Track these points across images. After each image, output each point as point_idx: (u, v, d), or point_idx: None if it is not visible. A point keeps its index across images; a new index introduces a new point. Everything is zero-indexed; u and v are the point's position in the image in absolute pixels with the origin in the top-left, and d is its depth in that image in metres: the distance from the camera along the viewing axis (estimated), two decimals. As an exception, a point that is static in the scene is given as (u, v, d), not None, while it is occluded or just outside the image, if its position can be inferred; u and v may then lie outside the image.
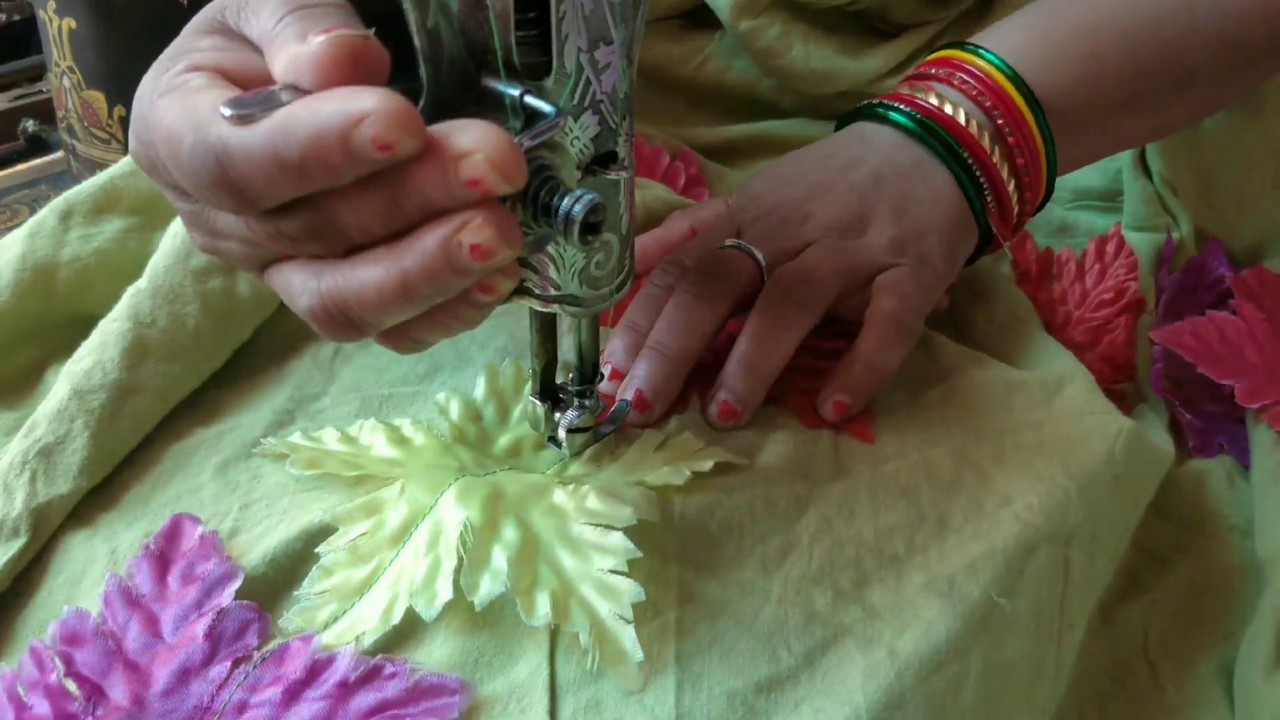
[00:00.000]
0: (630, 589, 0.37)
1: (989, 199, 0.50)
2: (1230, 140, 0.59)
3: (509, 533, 0.38)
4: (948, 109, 0.49)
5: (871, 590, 0.39)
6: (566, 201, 0.33)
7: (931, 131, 0.49)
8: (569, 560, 0.38)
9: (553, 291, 0.38)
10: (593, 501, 0.39)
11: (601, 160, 0.36)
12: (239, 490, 0.43)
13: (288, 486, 0.42)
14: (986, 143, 0.49)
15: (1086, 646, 0.45)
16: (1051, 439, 0.44)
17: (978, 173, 0.49)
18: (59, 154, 0.73)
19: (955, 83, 0.50)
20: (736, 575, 0.39)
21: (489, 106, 0.34)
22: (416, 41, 0.33)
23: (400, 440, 0.43)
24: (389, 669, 0.37)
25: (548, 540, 0.38)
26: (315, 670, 0.37)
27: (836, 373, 0.45)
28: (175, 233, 0.49)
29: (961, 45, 0.51)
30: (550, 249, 0.37)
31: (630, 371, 0.44)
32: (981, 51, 0.50)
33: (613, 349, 0.46)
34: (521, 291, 0.39)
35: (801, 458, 0.43)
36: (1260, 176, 0.60)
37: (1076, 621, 0.42)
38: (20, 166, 0.80)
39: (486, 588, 0.37)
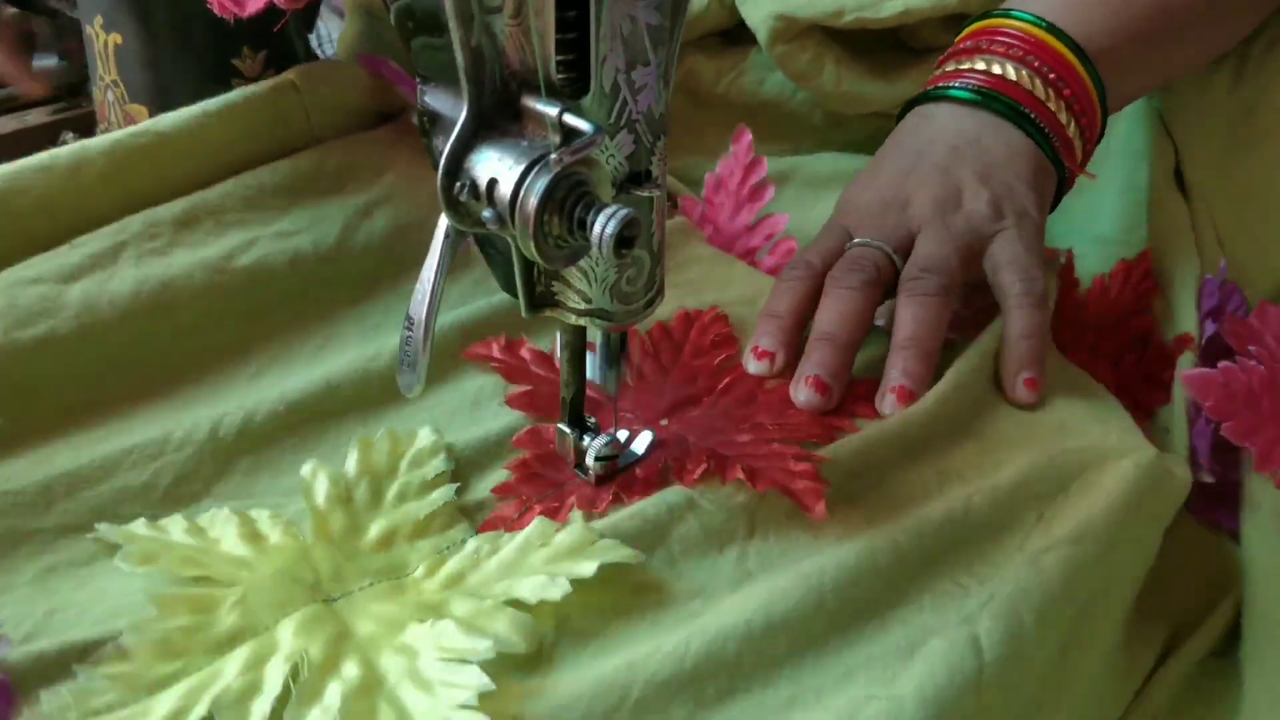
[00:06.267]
0: None
1: (1054, 139, 0.53)
2: (1270, 166, 0.60)
3: (349, 671, 0.35)
4: (995, 69, 0.53)
5: (734, 704, 0.35)
6: (601, 216, 0.33)
7: (990, 97, 0.52)
8: (414, 699, 0.35)
9: (583, 305, 0.39)
10: (449, 638, 0.36)
11: (635, 178, 0.37)
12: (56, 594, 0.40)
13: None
14: (1040, 91, 0.52)
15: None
16: (977, 528, 0.41)
17: (1040, 122, 0.52)
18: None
19: (997, 48, 0.53)
20: (596, 671, 0.36)
21: (528, 123, 0.35)
22: (459, 59, 0.34)
23: (253, 536, 0.40)
24: None
25: (394, 681, 0.35)
26: None
27: (1004, 357, 0.47)
28: None
29: (990, 14, 0.55)
30: (583, 263, 0.38)
31: (802, 362, 0.46)
32: (1014, 13, 0.54)
33: (758, 335, 0.48)
34: (554, 305, 0.40)
35: (711, 550, 0.40)
36: None
37: (1000, 705, 0.37)
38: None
39: None
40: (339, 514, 0.41)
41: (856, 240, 0.50)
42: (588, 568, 0.38)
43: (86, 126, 0.85)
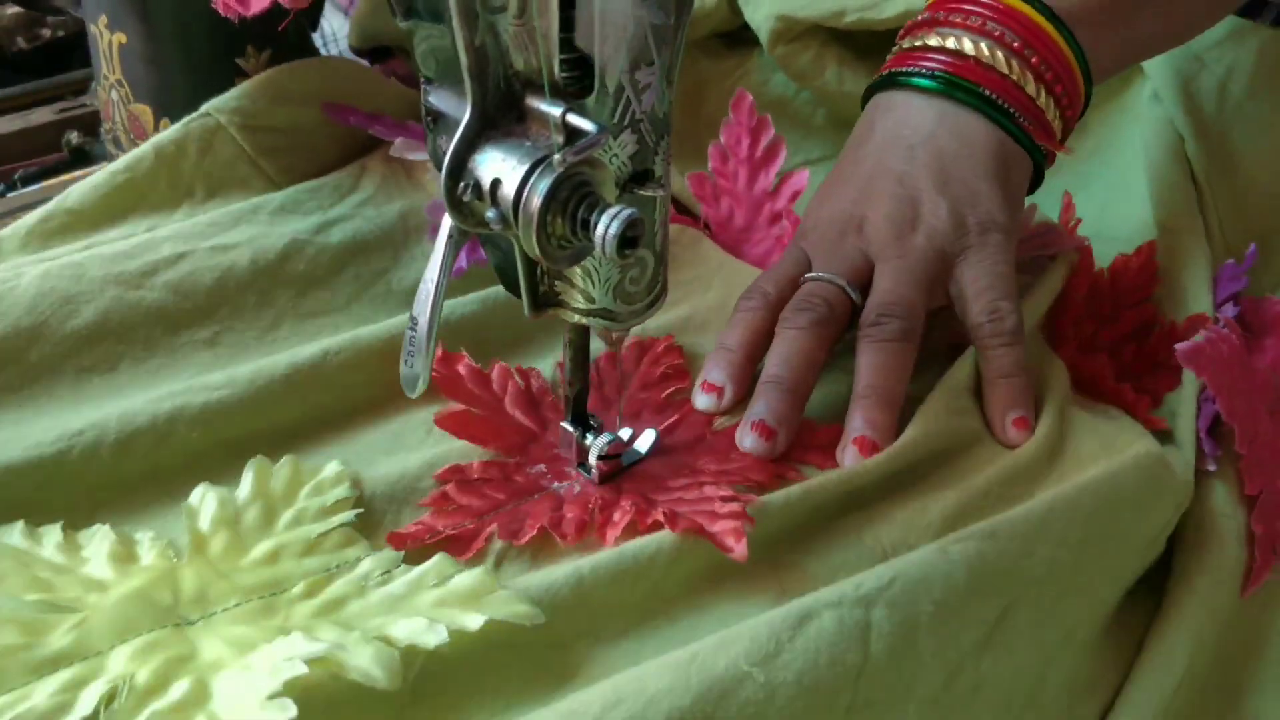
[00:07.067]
0: None
1: (1022, 119, 0.50)
2: (1271, 159, 0.60)
3: (176, 691, 0.32)
4: (951, 44, 0.50)
5: None
6: (605, 217, 0.33)
7: (950, 84, 0.49)
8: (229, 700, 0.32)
9: (587, 305, 0.39)
10: (292, 647, 0.33)
11: (638, 178, 0.37)
12: None
13: None
14: (1002, 65, 0.49)
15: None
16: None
17: (1005, 103, 0.49)
18: (102, 165, 0.75)
19: (955, 19, 0.50)
20: None
21: (532, 123, 0.35)
22: (463, 59, 0.34)
23: (125, 557, 0.37)
24: None
25: (218, 694, 0.32)
26: None
27: (987, 400, 0.45)
28: None
29: None
30: (586, 263, 0.38)
31: (749, 406, 0.44)
32: None
33: (708, 369, 0.47)
34: (557, 304, 0.40)
35: (612, 603, 0.37)
36: None
37: (884, 699, 0.36)
38: (64, 177, 0.82)
39: None
40: (222, 535, 0.38)
41: (809, 275, 0.48)
42: (473, 620, 0.34)
43: (91, 126, 0.85)
